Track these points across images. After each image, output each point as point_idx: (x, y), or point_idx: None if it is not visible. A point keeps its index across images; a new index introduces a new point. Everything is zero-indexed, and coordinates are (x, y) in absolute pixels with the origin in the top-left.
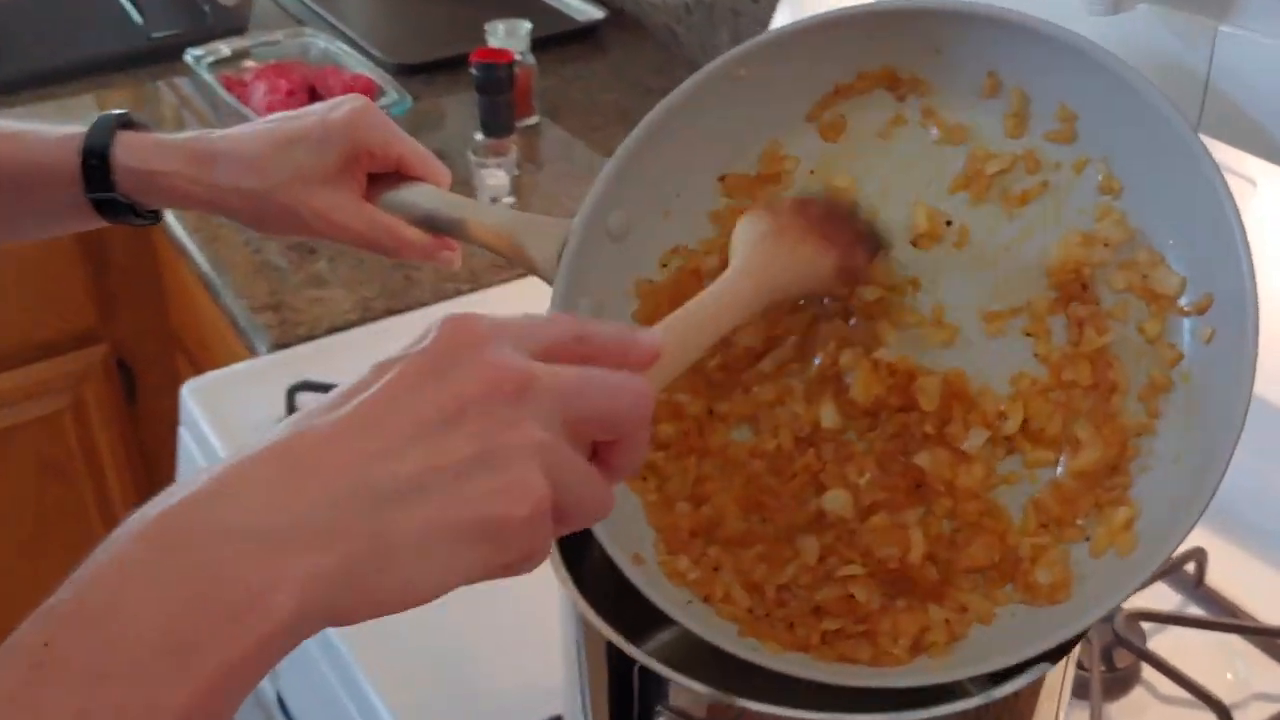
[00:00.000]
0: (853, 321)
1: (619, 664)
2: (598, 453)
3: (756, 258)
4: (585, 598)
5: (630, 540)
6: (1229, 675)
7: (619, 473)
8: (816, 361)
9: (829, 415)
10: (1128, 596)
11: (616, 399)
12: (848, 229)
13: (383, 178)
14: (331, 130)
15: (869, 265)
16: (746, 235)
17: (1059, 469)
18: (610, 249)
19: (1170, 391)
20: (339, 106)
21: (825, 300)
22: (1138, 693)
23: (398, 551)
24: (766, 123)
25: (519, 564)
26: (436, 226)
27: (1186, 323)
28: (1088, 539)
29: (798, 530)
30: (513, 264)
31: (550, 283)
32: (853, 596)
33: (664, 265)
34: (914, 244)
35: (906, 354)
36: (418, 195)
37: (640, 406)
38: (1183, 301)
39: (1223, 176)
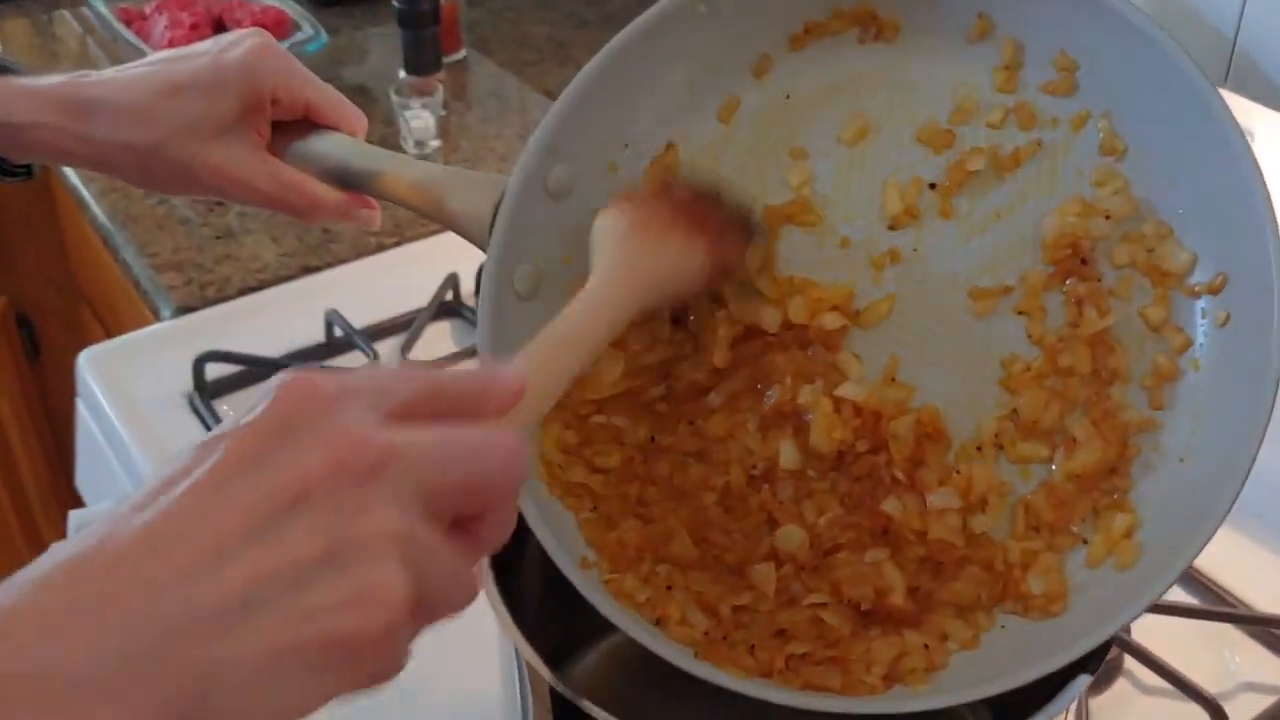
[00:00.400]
0: (811, 350)
1: (565, 712)
2: (459, 525)
3: (620, 259)
4: (523, 605)
5: (575, 547)
6: (1219, 665)
7: (486, 548)
8: (772, 395)
9: (789, 454)
10: (1135, 617)
11: (483, 463)
12: (716, 213)
13: (289, 126)
14: (226, 73)
15: (741, 254)
16: (606, 234)
17: (1053, 466)
18: (550, 209)
19: (1178, 381)
20: (235, 45)
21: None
22: (1120, 685)
23: (227, 689)
24: (727, 67)
25: (377, 679)
26: (351, 182)
27: (1198, 304)
28: (1085, 542)
29: (753, 563)
30: (438, 224)
31: (477, 243)
32: (821, 620)
33: None
34: (891, 227)
35: (873, 383)
36: (330, 146)
37: (511, 469)
38: (1193, 280)
39: (1245, 138)
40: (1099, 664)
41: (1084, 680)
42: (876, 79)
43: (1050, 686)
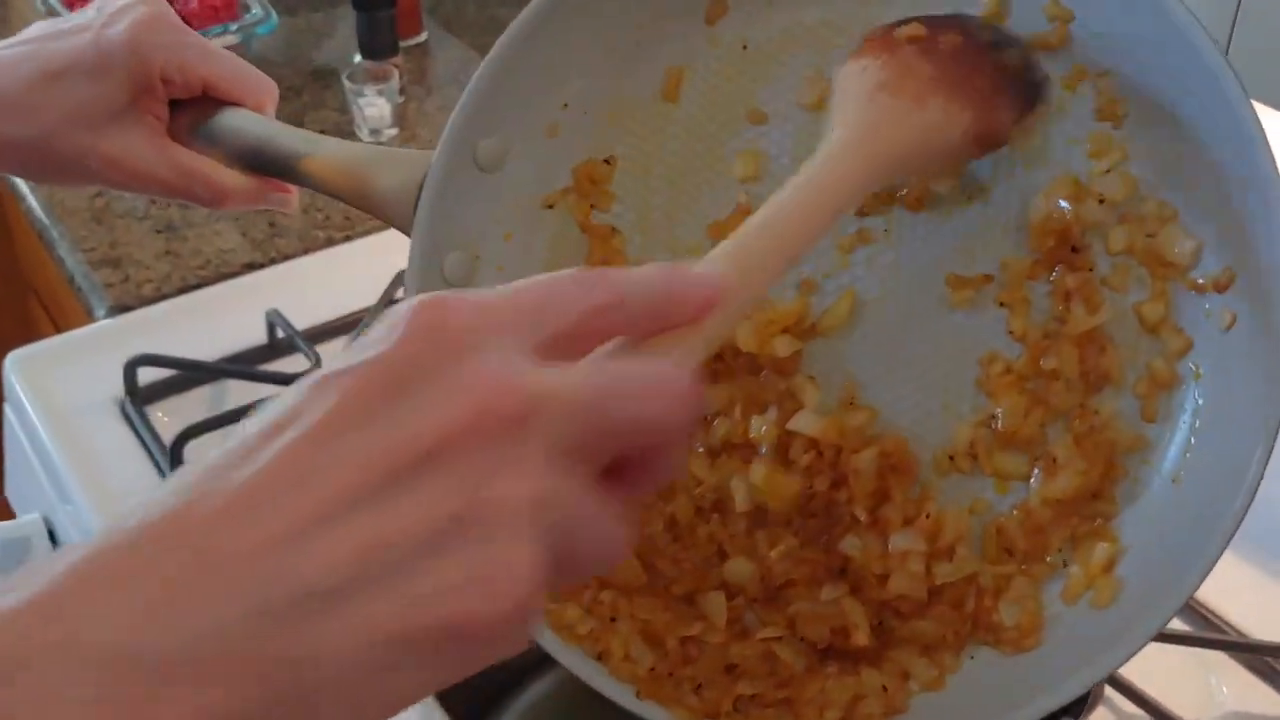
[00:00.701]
0: (762, 376)
1: None
2: (616, 469)
3: (863, 123)
4: None
5: None
6: (1204, 694)
7: (644, 492)
8: (720, 427)
9: (741, 496)
10: (1123, 662)
11: (646, 405)
12: (990, 69)
13: (190, 104)
14: (109, 53)
15: (1013, 123)
16: (850, 88)
17: (1030, 484)
18: (483, 184)
19: (1175, 390)
20: (118, 17)
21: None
22: (1100, 714)
23: (330, 675)
24: (675, 13)
25: (494, 659)
26: (265, 165)
27: (1202, 302)
28: (1066, 564)
29: (703, 593)
30: (362, 211)
31: (403, 229)
32: (774, 654)
33: (549, 207)
34: (860, 213)
35: (833, 410)
36: (238, 125)
37: (679, 410)
38: (1196, 274)
39: (1255, 116)
40: (1081, 707)
41: None
42: (844, 27)
43: None
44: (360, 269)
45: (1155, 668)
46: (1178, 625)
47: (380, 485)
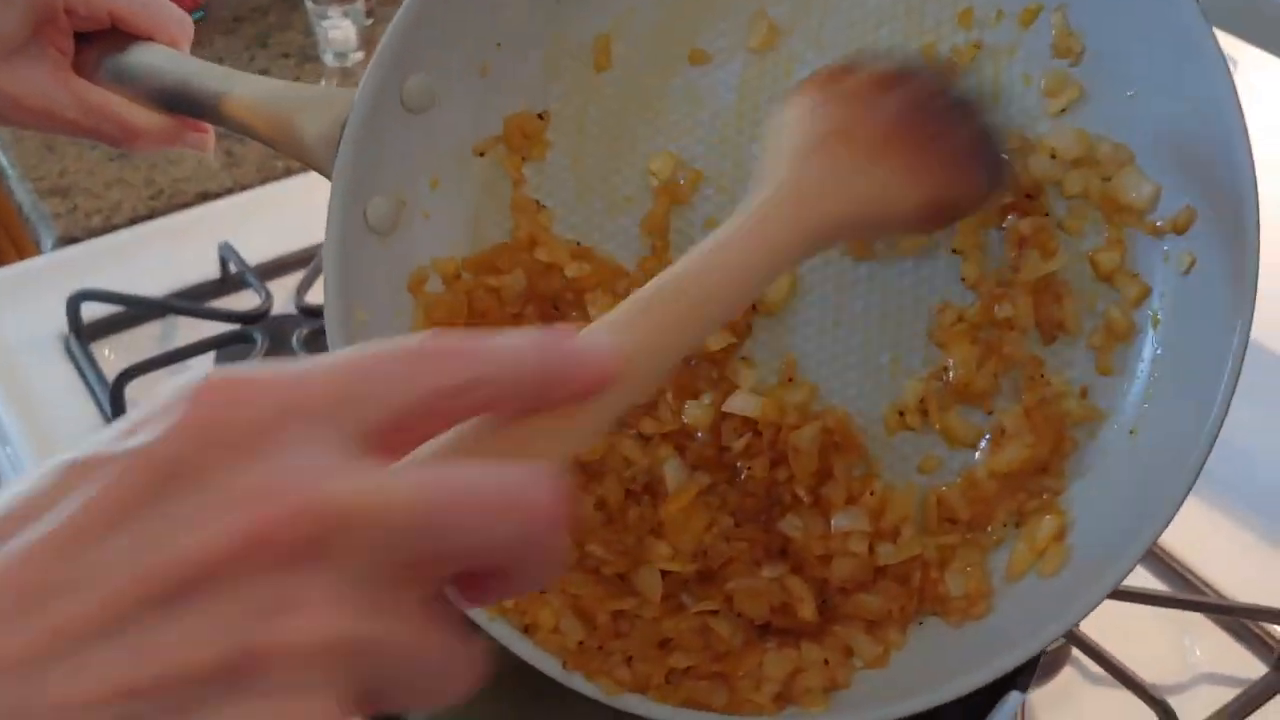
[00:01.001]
0: (694, 362)
1: None
2: (466, 576)
3: (799, 182)
4: None
5: None
6: (1177, 655)
7: (507, 597)
8: (649, 419)
9: (674, 472)
10: (1074, 624)
11: (497, 524)
12: (956, 131)
13: (99, 38)
14: None
15: (977, 201)
16: (787, 138)
17: (976, 455)
18: (409, 126)
19: (1132, 339)
20: None
21: None
22: (1066, 675)
23: None
24: None
25: None
26: (179, 104)
27: (1159, 246)
28: (1016, 527)
29: (636, 570)
30: (284, 154)
31: (327, 174)
32: (710, 629)
33: (480, 155)
34: None
35: (771, 386)
36: (151, 59)
37: (538, 528)
38: (1154, 217)
39: (1220, 50)
40: (1029, 680)
41: (1015, 699)
42: None
43: (975, 708)
44: (319, 201)
45: (1126, 628)
46: (1155, 585)
47: (134, 614)
